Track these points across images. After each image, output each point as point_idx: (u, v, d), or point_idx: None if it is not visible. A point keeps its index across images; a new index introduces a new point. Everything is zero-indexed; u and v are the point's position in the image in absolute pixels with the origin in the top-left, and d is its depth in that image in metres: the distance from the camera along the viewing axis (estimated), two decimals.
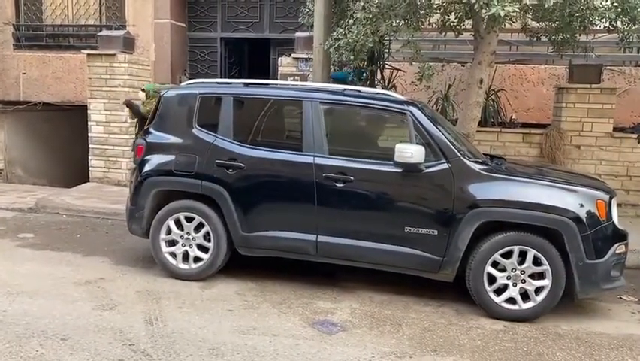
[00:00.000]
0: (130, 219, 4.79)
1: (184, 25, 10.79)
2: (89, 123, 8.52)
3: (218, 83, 5.08)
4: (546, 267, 3.96)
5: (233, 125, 4.58)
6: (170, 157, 4.62)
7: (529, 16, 6.40)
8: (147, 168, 4.67)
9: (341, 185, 4.26)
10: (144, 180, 4.65)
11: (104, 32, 8.80)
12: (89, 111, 8.50)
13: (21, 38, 10.59)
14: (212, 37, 10.80)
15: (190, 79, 8.80)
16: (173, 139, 4.68)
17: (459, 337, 3.77)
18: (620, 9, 5.29)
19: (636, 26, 5.76)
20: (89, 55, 8.46)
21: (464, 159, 4.17)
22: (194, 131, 4.62)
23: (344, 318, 3.99)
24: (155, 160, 4.66)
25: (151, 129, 4.79)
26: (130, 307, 4.04)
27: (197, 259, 4.59)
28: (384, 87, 7.61)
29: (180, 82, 9.50)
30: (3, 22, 10.51)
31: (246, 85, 4.77)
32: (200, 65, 10.93)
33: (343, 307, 4.19)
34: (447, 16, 6.31)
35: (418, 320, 4.01)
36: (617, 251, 4.04)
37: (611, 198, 4.11)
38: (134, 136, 7.26)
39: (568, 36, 6.28)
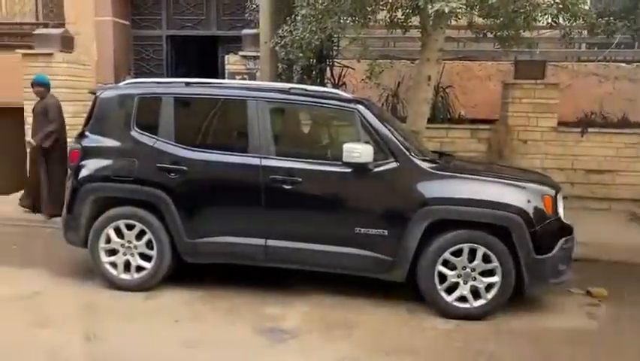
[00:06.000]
0: (66, 229, 4.52)
1: (127, 22, 10.38)
2: (25, 127, 8.06)
3: (158, 82, 4.86)
4: (496, 264, 3.95)
5: (175, 126, 4.38)
6: (108, 162, 4.39)
7: (475, 12, 6.43)
8: (83, 173, 4.41)
9: (289, 187, 4.13)
10: (80, 187, 4.40)
11: (41, 31, 8.36)
12: (25, 114, 8.05)
13: None
14: (158, 35, 10.43)
15: (136, 78, 8.47)
16: (110, 143, 4.44)
17: (411, 338, 3.72)
18: (561, 5, 5.38)
19: (577, 22, 5.87)
20: (24, 55, 8.01)
21: (413, 158, 4.12)
22: (133, 133, 4.40)
23: (294, 324, 3.87)
24: (91, 165, 4.41)
25: (86, 132, 4.53)
26: (67, 324, 3.80)
27: (139, 269, 4.37)
28: (334, 85, 7.53)
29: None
30: None
31: (188, 84, 4.57)
32: (145, 63, 10.54)
33: (294, 313, 4.06)
34: (394, 13, 6.26)
35: (370, 323, 3.94)
36: (563, 245, 4.07)
37: (556, 193, 4.15)
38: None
39: (512, 32, 6.33)
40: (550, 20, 5.70)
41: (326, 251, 4.14)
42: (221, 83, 4.99)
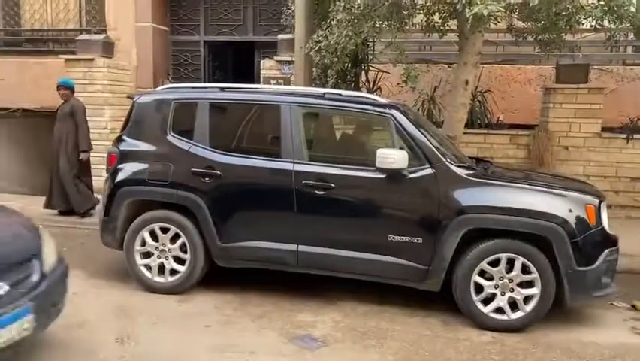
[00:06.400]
0: (103, 231, 4.60)
1: (166, 28, 10.59)
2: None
3: (193, 87, 4.92)
4: (535, 275, 3.81)
5: (210, 131, 4.41)
6: (144, 166, 4.45)
7: (515, 15, 6.29)
8: (120, 177, 4.48)
9: (321, 192, 4.09)
10: (117, 190, 4.47)
11: (83, 36, 8.60)
12: None
13: None
14: (196, 41, 10.61)
15: (174, 83, 8.61)
16: (146, 147, 4.50)
17: (445, 350, 3.61)
18: (606, 8, 5.19)
19: (623, 25, 5.65)
20: (67, 60, 8.25)
21: (449, 164, 4.02)
22: (169, 138, 4.45)
23: (326, 332, 3.82)
24: (128, 169, 4.48)
25: (124, 137, 4.61)
26: (101, 325, 3.85)
27: (173, 272, 4.41)
28: (369, 90, 7.47)
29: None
30: None
31: (222, 89, 4.60)
32: (183, 68, 10.73)
33: (326, 320, 4.02)
34: (431, 17, 6.18)
35: (404, 333, 3.85)
36: (607, 257, 3.89)
37: (600, 203, 3.98)
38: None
39: (554, 36, 6.16)
40: (594, 23, 5.52)
41: (358, 258, 4.08)
42: (256, 88, 5.00)
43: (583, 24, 5.88)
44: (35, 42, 10.44)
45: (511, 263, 3.86)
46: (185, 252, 4.37)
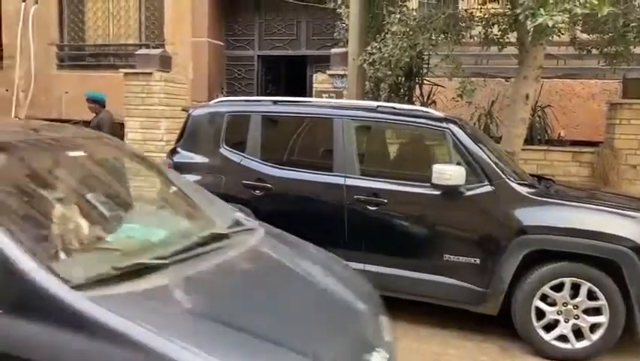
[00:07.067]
0: None
1: (221, 43, 10.79)
2: (125, 141, 8.51)
3: (246, 101, 4.94)
4: (602, 302, 3.55)
5: (261, 144, 4.40)
6: (197, 177, 4.45)
7: (579, 27, 6.02)
8: None
9: (373, 208, 3.98)
10: None
11: (142, 51, 8.85)
12: (125, 129, 8.51)
13: (64, 58, 10.83)
14: (250, 56, 10.75)
15: (227, 97, 8.72)
16: (200, 159, 4.53)
17: None
18: None
19: None
20: (126, 74, 8.49)
21: (509, 181, 3.83)
22: (222, 150, 4.46)
23: None
24: None
25: (178, 149, 4.66)
26: None
27: None
28: (423, 103, 7.32)
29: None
30: (47, 43, 10.76)
31: (275, 103, 4.58)
32: (237, 82, 10.89)
33: None
34: (489, 29, 5.99)
35: (458, 357, 3.67)
36: None
37: None
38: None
39: (622, 48, 5.84)
40: None
41: (412, 278, 3.94)
42: (308, 102, 4.96)
43: None
44: (97, 56, 10.85)
45: (576, 288, 3.61)
46: None
